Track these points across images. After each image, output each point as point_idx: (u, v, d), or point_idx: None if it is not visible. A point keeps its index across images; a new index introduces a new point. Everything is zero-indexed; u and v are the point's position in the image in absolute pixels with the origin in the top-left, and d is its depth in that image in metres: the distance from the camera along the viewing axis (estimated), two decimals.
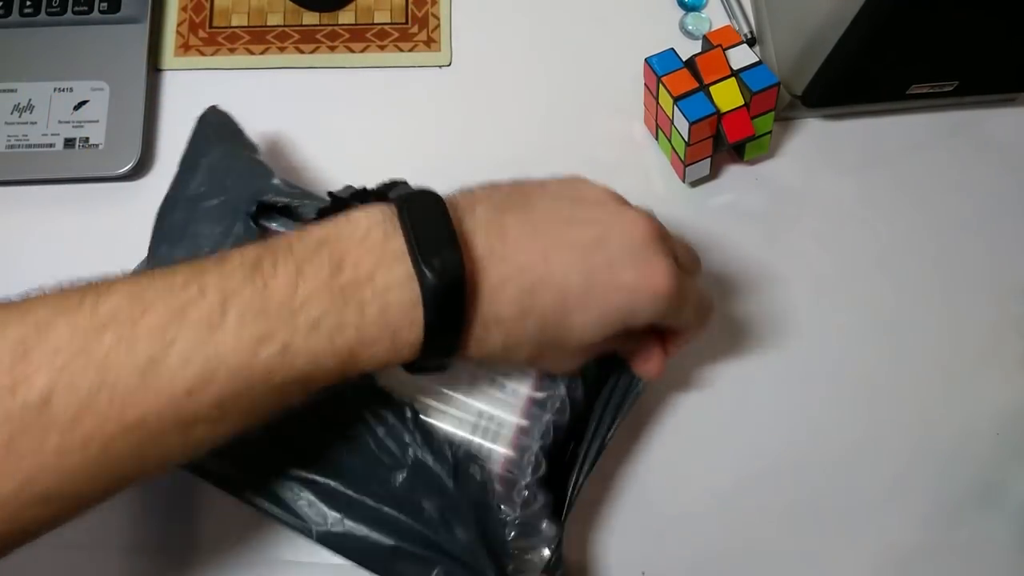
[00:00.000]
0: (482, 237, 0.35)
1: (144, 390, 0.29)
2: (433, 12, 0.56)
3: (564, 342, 0.36)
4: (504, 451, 0.40)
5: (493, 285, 0.34)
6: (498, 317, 0.34)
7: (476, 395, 0.40)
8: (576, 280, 0.35)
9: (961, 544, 0.47)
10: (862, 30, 0.44)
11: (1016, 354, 0.50)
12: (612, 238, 0.36)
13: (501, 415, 0.40)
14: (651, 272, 0.36)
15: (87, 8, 0.54)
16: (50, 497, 0.30)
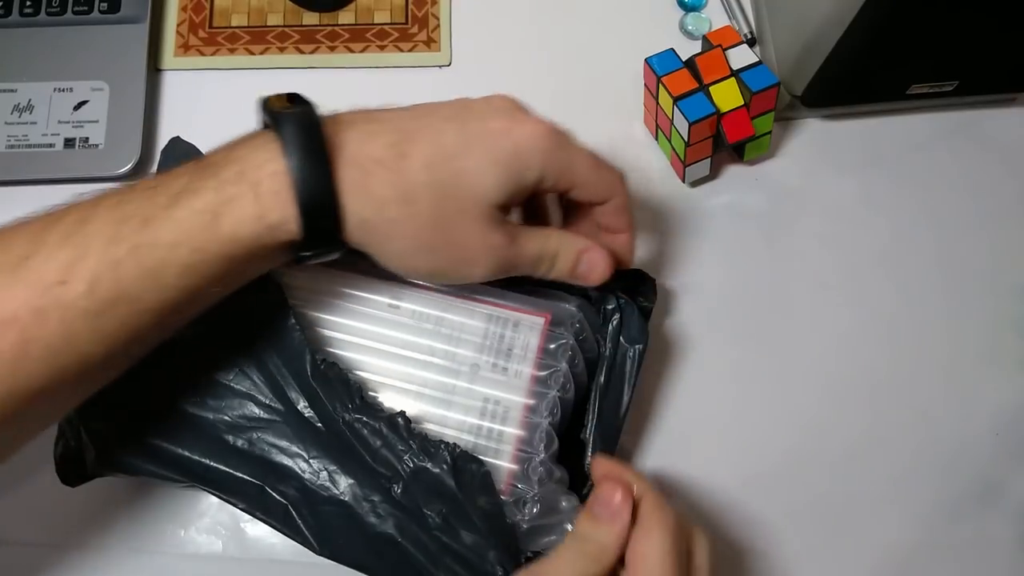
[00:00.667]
0: (348, 116, 0.36)
1: (16, 283, 0.31)
2: (433, 12, 0.56)
3: (463, 194, 0.36)
4: (515, 431, 0.40)
5: (361, 133, 0.35)
6: (373, 156, 0.34)
7: (480, 382, 0.41)
8: (450, 130, 0.36)
9: (961, 544, 0.47)
10: (862, 30, 0.44)
11: (1016, 354, 0.50)
12: (477, 104, 0.38)
13: (507, 397, 0.41)
14: (523, 118, 0.38)
15: (87, 8, 0.54)
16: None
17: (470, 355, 0.41)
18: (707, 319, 0.50)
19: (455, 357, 0.41)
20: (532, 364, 0.41)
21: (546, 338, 0.41)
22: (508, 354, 0.41)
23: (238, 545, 0.46)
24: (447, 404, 0.41)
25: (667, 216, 0.52)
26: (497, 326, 0.42)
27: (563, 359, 0.41)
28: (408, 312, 0.42)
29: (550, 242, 0.39)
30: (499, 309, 0.42)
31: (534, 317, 0.42)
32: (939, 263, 0.52)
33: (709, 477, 0.47)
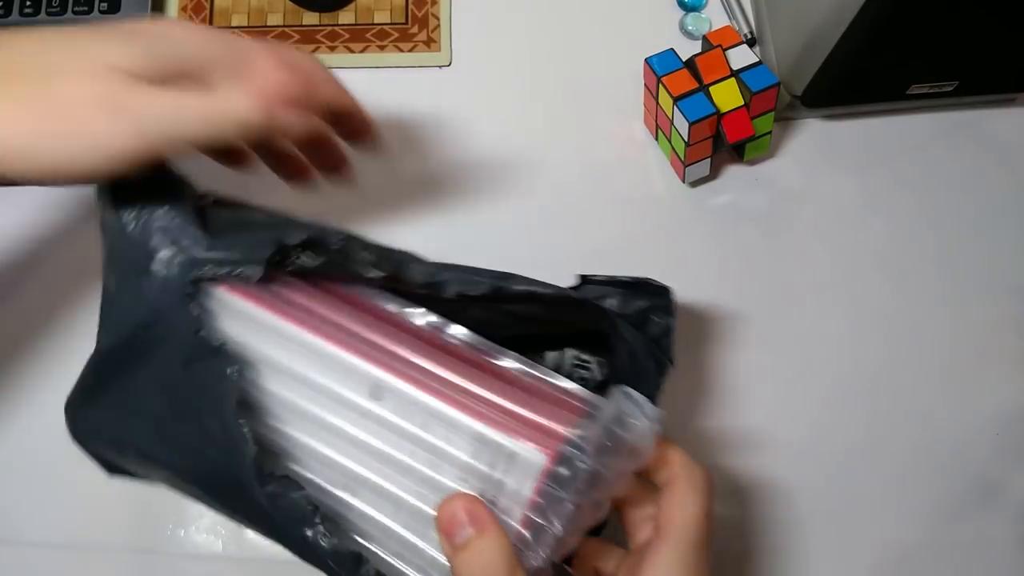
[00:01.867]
0: None
1: None
2: (433, 12, 0.56)
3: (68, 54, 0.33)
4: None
5: None
6: None
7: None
8: None
9: (961, 544, 0.47)
10: (862, 30, 0.44)
11: (1016, 354, 0.50)
12: None
13: None
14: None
15: (87, 8, 0.54)
16: None
17: (451, 484, 0.33)
18: (707, 319, 0.50)
19: (434, 484, 0.34)
20: (520, 516, 0.33)
21: (544, 482, 0.32)
22: (499, 488, 0.33)
23: (238, 545, 0.46)
24: (422, 533, 0.34)
25: (667, 216, 0.52)
26: (488, 455, 0.33)
27: (557, 520, 0.32)
28: (384, 419, 0.34)
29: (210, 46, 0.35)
30: (495, 430, 0.33)
31: (536, 451, 0.32)
32: (939, 263, 0.52)
33: None
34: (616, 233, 0.51)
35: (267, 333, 0.35)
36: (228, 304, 0.36)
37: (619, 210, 0.52)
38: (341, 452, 0.35)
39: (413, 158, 0.53)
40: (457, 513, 0.32)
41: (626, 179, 0.53)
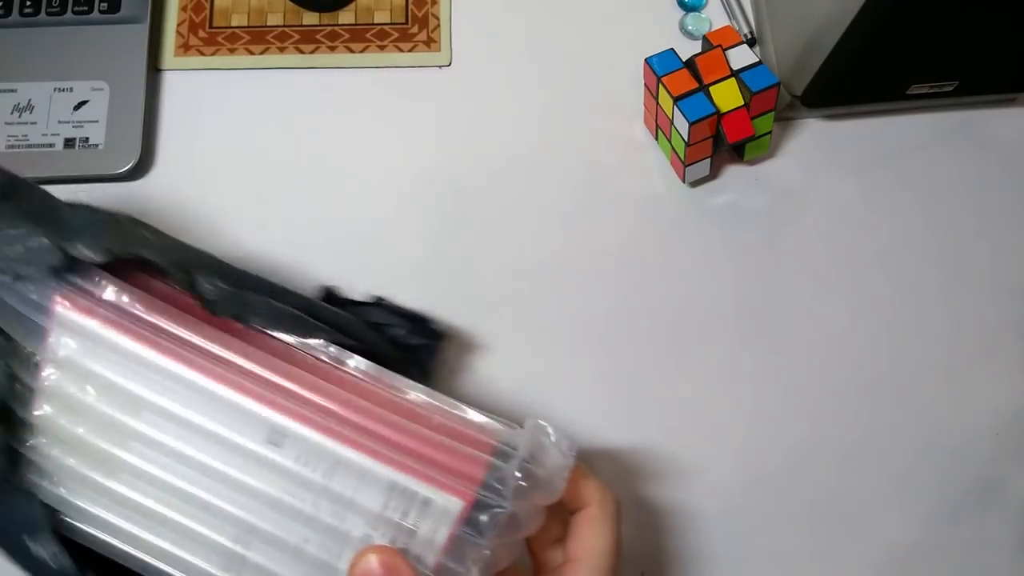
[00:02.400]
0: None
1: None
2: (433, 12, 0.56)
3: None
4: None
5: None
6: None
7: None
8: None
9: (961, 544, 0.47)
10: (862, 30, 0.44)
11: (1016, 354, 0.50)
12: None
13: None
14: None
15: (87, 8, 0.54)
16: None
17: (360, 531, 0.32)
18: (707, 319, 0.50)
19: (341, 535, 0.32)
20: (434, 561, 0.32)
21: (461, 529, 0.32)
22: (411, 534, 0.32)
23: None
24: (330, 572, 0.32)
25: (667, 216, 0.52)
26: (400, 501, 0.32)
27: (474, 566, 0.31)
28: (284, 468, 0.32)
29: None
30: (408, 476, 0.32)
31: (451, 497, 0.31)
32: (939, 263, 0.52)
33: (709, 477, 0.47)
34: (616, 233, 0.51)
35: (130, 365, 0.32)
36: (68, 323, 0.32)
37: (619, 210, 0.52)
38: (229, 501, 0.32)
39: (412, 158, 0.53)
40: (372, 568, 0.31)
41: (626, 179, 0.53)
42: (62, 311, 0.33)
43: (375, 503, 0.32)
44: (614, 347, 0.49)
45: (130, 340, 0.33)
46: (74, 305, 0.33)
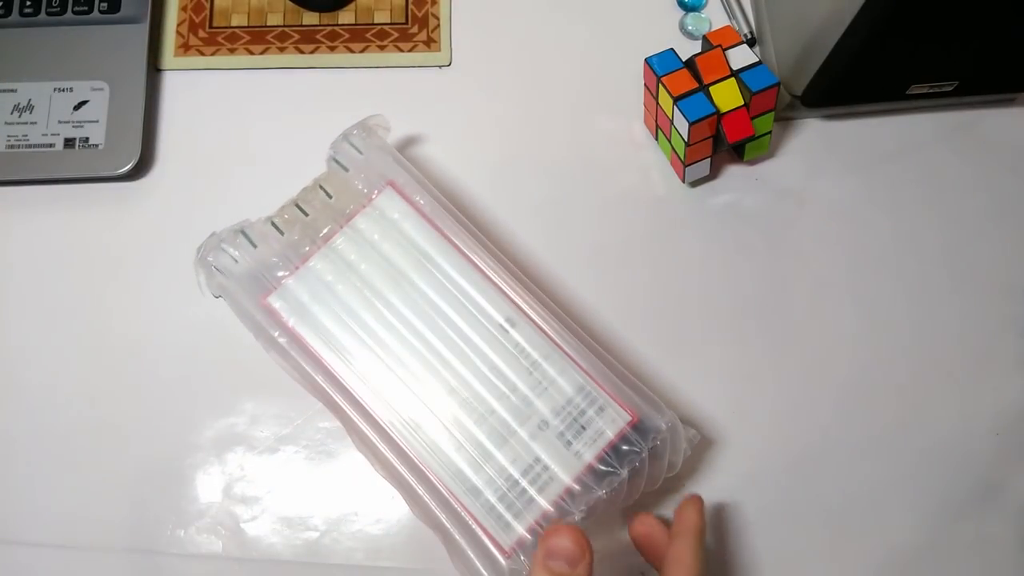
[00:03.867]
0: None
1: None
2: (433, 12, 0.56)
3: None
4: (545, 505, 0.39)
5: None
6: None
7: (540, 441, 0.40)
8: None
9: (961, 544, 0.47)
10: (862, 30, 0.44)
11: (1016, 354, 0.50)
12: None
13: (556, 470, 0.39)
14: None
15: (87, 8, 0.54)
16: None
17: (545, 412, 0.40)
18: (707, 319, 0.50)
19: (531, 405, 0.40)
20: (596, 454, 0.40)
21: (622, 437, 0.40)
22: (580, 431, 0.40)
23: (238, 545, 0.46)
24: (500, 442, 0.40)
25: (667, 216, 0.52)
26: (584, 399, 0.40)
27: (627, 467, 0.39)
28: (513, 342, 0.41)
29: None
30: (594, 385, 0.41)
31: (622, 411, 0.40)
32: (939, 263, 0.52)
33: (708, 477, 0.47)
34: (616, 233, 0.52)
35: (434, 240, 0.43)
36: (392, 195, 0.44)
37: (619, 210, 0.52)
38: (456, 353, 0.42)
39: (412, 158, 0.53)
40: (565, 545, 0.35)
41: (626, 179, 0.53)
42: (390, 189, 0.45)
43: (564, 395, 0.41)
44: (613, 347, 0.49)
45: (428, 226, 0.44)
46: (397, 189, 0.45)
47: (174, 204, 0.52)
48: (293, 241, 0.43)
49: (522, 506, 0.39)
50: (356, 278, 0.43)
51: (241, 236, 0.43)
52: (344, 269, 0.43)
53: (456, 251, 0.43)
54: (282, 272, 0.43)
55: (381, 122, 0.47)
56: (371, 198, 0.44)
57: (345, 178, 0.45)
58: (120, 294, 0.50)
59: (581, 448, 0.40)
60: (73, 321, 0.49)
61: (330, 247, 0.43)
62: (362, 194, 0.44)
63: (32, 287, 0.50)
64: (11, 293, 0.50)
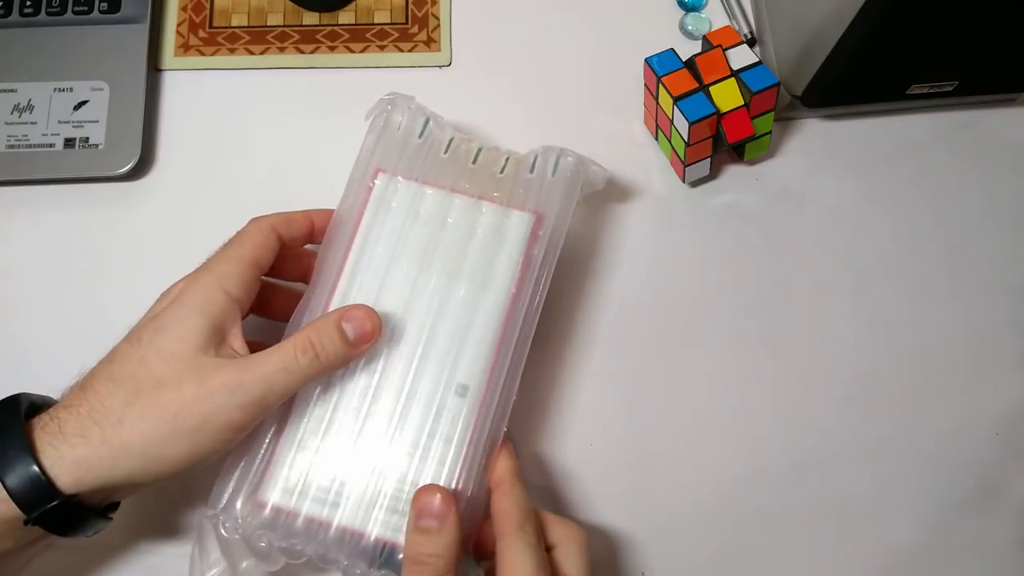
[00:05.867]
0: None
1: None
2: (433, 12, 0.56)
3: (153, 361, 0.37)
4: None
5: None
6: (61, 405, 0.37)
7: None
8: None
9: (961, 544, 0.47)
10: (862, 30, 0.44)
11: (1016, 354, 0.50)
12: None
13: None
14: None
15: (87, 8, 0.54)
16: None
17: (399, 472, 0.40)
18: (707, 319, 0.50)
19: (401, 456, 0.40)
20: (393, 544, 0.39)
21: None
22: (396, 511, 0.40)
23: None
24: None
25: (667, 216, 0.52)
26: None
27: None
28: (447, 404, 0.41)
29: (296, 339, 0.38)
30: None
31: None
32: (939, 263, 0.52)
33: (708, 477, 0.47)
34: (616, 233, 0.51)
35: (504, 282, 0.43)
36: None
37: (619, 210, 0.52)
38: None
39: None
40: (431, 503, 0.37)
41: (626, 179, 0.53)
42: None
43: (418, 477, 0.40)
44: (613, 346, 0.49)
45: (518, 270, 0.43)
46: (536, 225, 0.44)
47: (174, 204, 0.52)
48: (441, 160, 0.44)
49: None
50: (431, 238, 0.43)
51: (423, 116, 0.45)
52: (435, 224, 0.43)
53: (508, 306, 0.42)
54: (408, 173, 0.43)
55: (599, 174, 0.46)
56: (515, 208, 0.43)
57: (524, 177, 0.44)
58: (120, 294, 0.50)
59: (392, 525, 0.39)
60: (73, 321, 0.49)
61: (449, 197, 0.43)
62: (517, 199, 0.44)
63: (32, 287, 0.50)
64: (11, 293, 0.50)
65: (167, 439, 0.36)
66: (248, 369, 0.37)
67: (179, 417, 0.36)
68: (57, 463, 0.35)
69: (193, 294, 0.38)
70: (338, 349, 0.38)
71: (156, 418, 0.36)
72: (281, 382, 0.37)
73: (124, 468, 0.36)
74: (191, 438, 0.36)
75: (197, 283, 0.39)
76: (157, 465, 0.36)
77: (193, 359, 0.37)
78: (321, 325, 0.39)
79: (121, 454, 0.36)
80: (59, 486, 0.35)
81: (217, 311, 0.38)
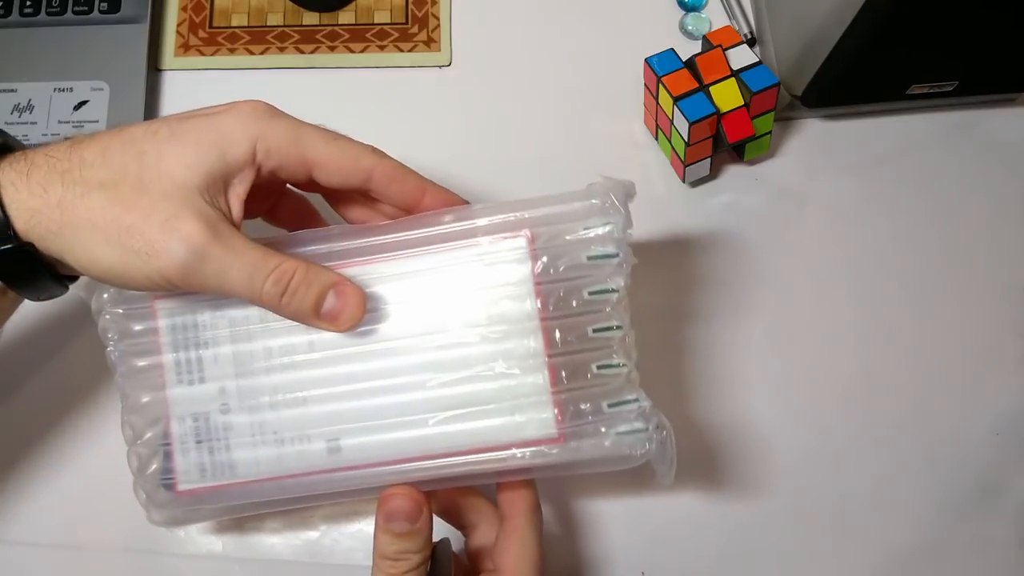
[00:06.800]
0: None
1: None
2: (433, 12, 0.56)
3: (148, 175, 0.33)
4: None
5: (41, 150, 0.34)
6: (44, 153, 0.34)
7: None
8: (147, 125, 0.35)
9: (961, 544, 0.47)
10: (862, 30, 0.44)
11: (1016, 354, 0.50)
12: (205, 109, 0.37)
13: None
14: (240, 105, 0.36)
15: (87, 8, 0.54)
16: None
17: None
18: (707, 319, 0.50)
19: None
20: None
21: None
22: None
23: (238, 545, 0.46)
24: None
25: (667, 216, 0.52)
26: None
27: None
28: None
29: (283, 264, 0.35)
30: None
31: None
32: (939, 263, 0.52)
33: (708, 477, 0.47)
34: None
35: None
36: None
37: None
38: None
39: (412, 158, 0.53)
40: (401, 505, 0.35)
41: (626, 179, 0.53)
42: None
43: None
44: None
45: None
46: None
47: None
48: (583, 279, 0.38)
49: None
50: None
51: (621, 248, 0.39)
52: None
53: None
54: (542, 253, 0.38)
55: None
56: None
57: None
58: None
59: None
60: (73, 321, 0.49)
61: (528, 302, 0.37)
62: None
63: None
64: None
65: (108, 241, 0.33)
66: (221, 242, 0.34)
67: (131, 231, 0.33)
68: (14, 204, 0.33)
69: (229, 124, 0.35)
70: (304, 309, 0.35)
71: (112, 217, 0.33)
72: (234, 279, 0.34)
73: (60, 242, 0.33)
74: (127, 256, 0.33)
75: (244, 116, 0.35)
76: (86, 258, 0.33)
77: (185, 191, 0.34)
78: (312, 276, 0.35)
79: (66, 228, 0.33)
80: (16, 229, 0.33)
81: (231, 160, 0.35)
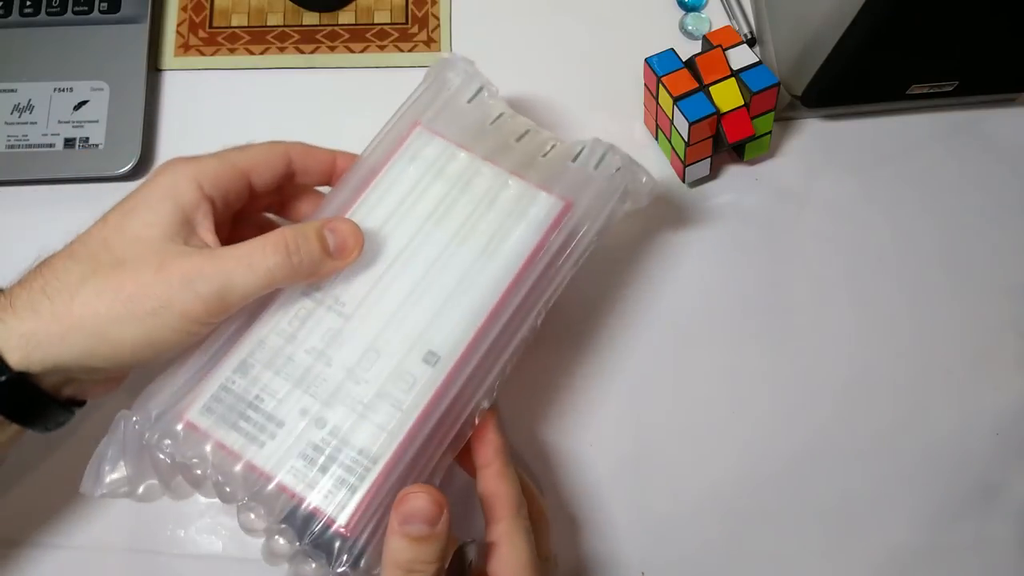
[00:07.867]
0: None
1: None
2: (433, 12, 0.56)
3: (122, 244, 0.36)
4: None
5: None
6: (16, 282, 0.36)
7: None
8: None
9: (961, 544, 0.47)
10: (862, 30, 0.44)
11: (1016, 354, 0.50)
12: None
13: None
14: None
15: (87, 8, 0.54)
16: None
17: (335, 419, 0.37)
18: (707, 319, 0.50)
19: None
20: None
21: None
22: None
23: (238, 545, 0.46)
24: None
25: (667, 216, 0.52)
26: (359, 454, 0.36)
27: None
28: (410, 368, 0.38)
29: (269, 237, 0.36)
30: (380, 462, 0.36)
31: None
32: (939, 263, 0.52)
33: (708, 477, 0.47)
34: (615, 233, 0.51)
35: None
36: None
37: None
38: None
39: None
40: (421, 506, 0.33)
41: None
42: None
43: (354, 440, 0.37)
44: (613, 346, 0.49)
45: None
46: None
47: None
48: (484, 129, 0.42)
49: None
50: (448, 196, 0.41)
51: (478, 82, 0.44)
52: (456, 184, 0.41)
53: (509, 284, 0.39)
54: (446, 133, 0.42)
55: (647, 184, 0.43)
56: (544, 190, 0.41)
57: (564, 164, 0.42)
58: None
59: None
60: None
61: (480, 163, 0.41)
62: (550, 183, 0.41)
63: None
64: None
65: (120, 320, 0.34)
66: (211, 259, 0.35)
67: (134, 299, 0.34)
68: (3, 336, 0.33)
69: (165, 180, 0.37)
70: (314, 255, 0.36)
71: (110, 297, 0.34)
72: (242, 276, 0.35)
73: (74, 347, 0.34)
74: (145, 323, 0.34)
75: (173, 170, 0.37)
76: (108, 347, 0.34)
77: (158, 244, 0.35)
78: (300, 228, 0.36)
79: (72, 332, 0.34)
80: (7, 361, 0.33)
81: (186, 202, 0.36)
